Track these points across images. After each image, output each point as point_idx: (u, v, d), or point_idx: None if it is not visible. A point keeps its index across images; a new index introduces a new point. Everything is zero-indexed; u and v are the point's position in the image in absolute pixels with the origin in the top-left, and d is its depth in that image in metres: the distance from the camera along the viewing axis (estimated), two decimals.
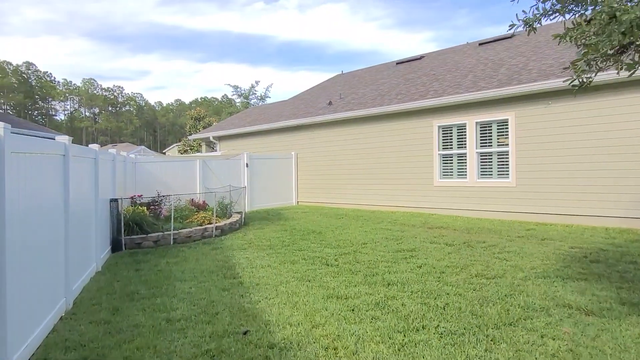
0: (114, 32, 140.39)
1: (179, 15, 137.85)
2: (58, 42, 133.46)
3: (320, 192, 15.88)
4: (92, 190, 6.60)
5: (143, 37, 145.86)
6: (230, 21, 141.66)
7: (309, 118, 15.92)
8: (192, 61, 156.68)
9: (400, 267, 6.47)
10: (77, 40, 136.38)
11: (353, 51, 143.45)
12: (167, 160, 12.94)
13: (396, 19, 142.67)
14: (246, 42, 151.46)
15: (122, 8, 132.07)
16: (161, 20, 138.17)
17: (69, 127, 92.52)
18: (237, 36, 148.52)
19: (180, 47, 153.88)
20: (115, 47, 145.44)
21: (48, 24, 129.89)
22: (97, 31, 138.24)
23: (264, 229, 10.44)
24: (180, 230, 9.08)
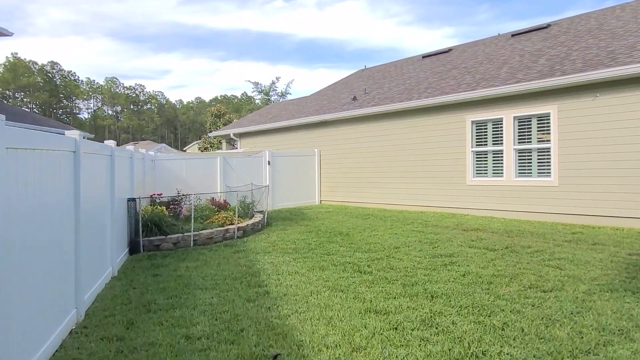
0: (136, 32, 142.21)
1: (199, 15, 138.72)
2: (82, 42, 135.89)
3: (344, 190, 15.29)
4: (108, 190, 6.16)
5: (164, 36, 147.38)
6: (249, 20, 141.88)
7: (332, 114, 15.34)
8: (212, 60, 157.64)
9: (440, 275, 5.85)
10: (101, 41, 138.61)
11: (372, 48, 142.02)
12: (187, 157, 12.55)
13: (415, 15, 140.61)
14: (265, 40, 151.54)
15: (144, 8, 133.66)
16: (182, 19, 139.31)
17: (92, 125, 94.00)
18: (257, 34, 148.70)
19: (200, 46, 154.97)
20: (138, 47, 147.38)
21: (72, 25, 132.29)
22: (120, 31, 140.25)
23: (287, 230, 9.92)
24: (201, 231, 8.62)
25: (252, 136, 19.64)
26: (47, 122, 19.78)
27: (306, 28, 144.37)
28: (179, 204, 11.32)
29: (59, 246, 4.01)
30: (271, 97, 37.78)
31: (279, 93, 38.05)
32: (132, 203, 7.85)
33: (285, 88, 39.49)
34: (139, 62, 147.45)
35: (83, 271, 4.60)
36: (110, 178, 6.25)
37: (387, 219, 11.42)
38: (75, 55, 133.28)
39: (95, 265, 5.34)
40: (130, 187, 8.11)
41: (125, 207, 7.61)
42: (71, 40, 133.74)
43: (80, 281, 4.51)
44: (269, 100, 37.15)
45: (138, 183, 9.40)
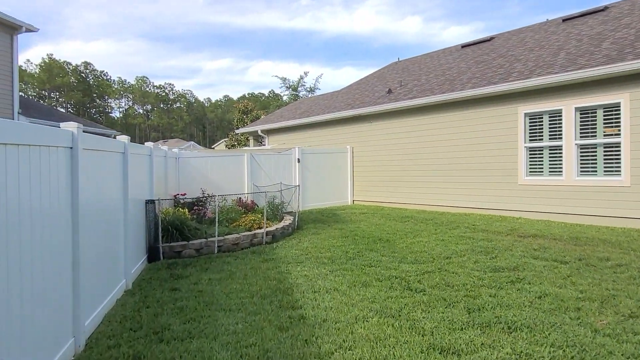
0: (166, 32, 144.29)
1: (227, 14, 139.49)
2: (114, 43, 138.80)
3: (378, 190, 14.29)
4: (120, 191, 5.41)
5: (193, 36, 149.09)
6: (277, 18, 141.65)
7: (365, 108, 14.34)
8: (240, 59, 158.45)
9: (511, 296, 4.82)
10: (132, 42, 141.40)
11: (399, 44, 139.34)
12: (212, 155, 11.83)
13: (443, 10, 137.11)
14: (292, 38, 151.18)
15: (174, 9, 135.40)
16: (211, 19, 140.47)
17: (123, 123, 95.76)
18: (284, 33, 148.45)
19: (228, 45, 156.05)
20: (168, 47, 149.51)
21: (106, 27, 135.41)
22: (151, 32, 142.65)
23: (320, 235, 9.02)
24: (226, 236, 7.82)
25: (280, 133, 18.84)
26: (67, 117, 19.54)
27: (333, 26, 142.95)
28: (204, 205, 10.61)
29: (52, 264, 3.23)
30: (299, 93, 36.96)
31: (308, 88, 37.13)
32: (150, 205, 7.11)
33: (314, 83, 38.58)
34: (169, 62, 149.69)
35: (84, 292, 3.82)
36: (122, 178, 5.49)
37: (429, 222, 10.37)
38: (108, 56, 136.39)
39: (103, 281, 4.57)
40: (149, 188, 7.39)
41: (142, 210, 6.88)
42: (104, 41, 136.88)
43: (80, 306, 3.73)
44: (297, 96, 36.32)
45: (160, 182, 8.70)
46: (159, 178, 8.55)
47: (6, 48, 15.06)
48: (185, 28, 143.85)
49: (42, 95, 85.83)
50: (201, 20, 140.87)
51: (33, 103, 19.78)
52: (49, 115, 17.16)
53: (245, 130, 21.20)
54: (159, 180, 8.56)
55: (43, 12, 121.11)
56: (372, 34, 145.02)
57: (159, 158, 8.60)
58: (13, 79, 15.40)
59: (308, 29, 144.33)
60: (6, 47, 15.06)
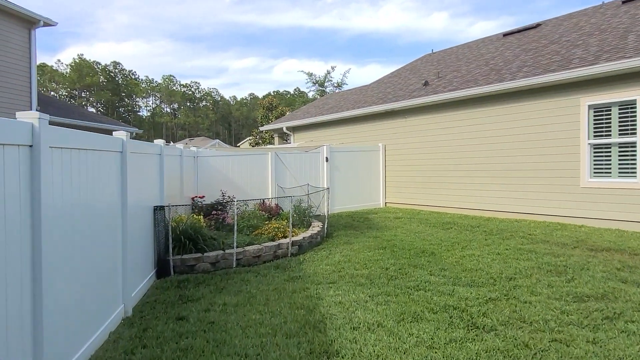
0: (193, 32, 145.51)
1: (253, 13, 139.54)
2: (143, 44, 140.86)
3: (413, 192, 13.08)
4: (116, 197, 4.45)
5: (220, 36, 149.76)
6: (301, 16, 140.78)
7: (399, 102, 13.14)
8: (265, 57, 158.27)
9: (617, 343, 3.61)
10: (160, 42, 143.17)
11: (425, 41, 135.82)
12: (233, 153, 10.90)
13: (470, 6, 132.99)
14: (317, 36, 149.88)
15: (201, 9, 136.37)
16: (237, 19, 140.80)
17: (150, 122, 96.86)
18: (309, 31, 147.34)
19: (254, 44, 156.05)
20: (194, 47, 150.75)
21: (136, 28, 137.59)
22: (178, 33, 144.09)
23: (353, 245, 7.93)
24: (246, 247, 6.81)
25: (307, 130, 17.81)
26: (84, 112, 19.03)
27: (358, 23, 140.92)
28: (224, 208, 9.68)
29: None
30: (326, 88, 35.75)
31: (335, 84, 35.87)
32: (160, 212, 6.17)
33: (341, 78, 37.21)
34: (195, 62, 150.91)
35: (54, 336, 2.85)
36: (119, 182, 4.53)
37: (476, 229, 9.13)
38: (137, 57, 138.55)
39: (87, 315, 3.61)
40: (159, 192, 6.45)
41: (150, 217, 5.94)
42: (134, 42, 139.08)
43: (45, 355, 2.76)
44: (324, 92, 35.09)
45: (173, 185, 7.78)
46: (172, 180, 7.64)
47: (24, 43, 14.53)
48: (211, 28, 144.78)
49: (73, 94, 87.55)
50: (227, 20, 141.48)
51: (52, 100, 19.38)
52: (68, 113, 16.65)
53: (270, 127, 20.27)
54: (172, 183, 7.65)
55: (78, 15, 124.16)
56: (397, 31, 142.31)
57: (172, 158, 7.68)
58: (31, 74, 14.87)
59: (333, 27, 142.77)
60: (23, 41, 14.52)
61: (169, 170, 7.41)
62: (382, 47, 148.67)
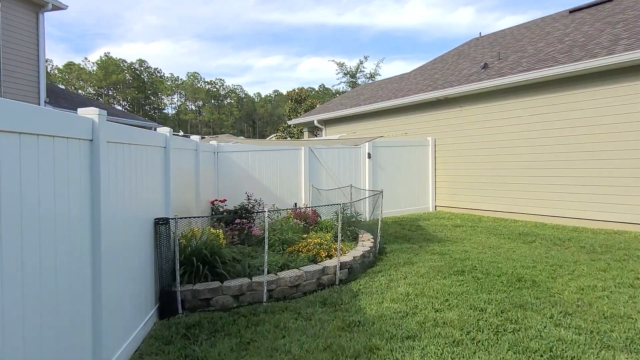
0: (219, 32, 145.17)
1: (277, 12, 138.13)
2: (171, 44, 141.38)
3: (469, 193, 11.10)
4: (81, 206, 2.74)
5: (245, 35, 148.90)
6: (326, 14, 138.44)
7: (453, 88, 11.16)
8: (290, 55, 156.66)
9: None
10: (187, 42, 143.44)
11: (451, 37, 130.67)
12: (260, 148, 9.18)
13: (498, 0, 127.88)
14: (341, 34, 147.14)
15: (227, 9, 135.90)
16: (261, 18, 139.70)
17: (175, 119, 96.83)
18: (333, 28, 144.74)
19: (278, 43, 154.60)
20: (220, 46, 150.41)
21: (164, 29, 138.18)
22: (205, 32, 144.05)
23: (416, 265, 6.07)
24: (280, 273, 5.04)
25: (341, 123, 15.98)
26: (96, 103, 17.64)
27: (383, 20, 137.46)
28: (250, 215, 7.99)
29: None
30: (358, 80, 33.67)
31: (367, 74, 33.74)
32: (163, 227, 4.46)
33: (374, 69, 34.84)
34: (220, 61, 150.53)
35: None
36: (87, 185, 2.82)
37: (569, 244, 7.14)
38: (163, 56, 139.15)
39: None
40: (163, 198, 4.74)
41: (149, 234, 4.24)
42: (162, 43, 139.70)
43: None
44: (355, 83, 33.05)
45: (186, 187, 6.10)
46: (184, 180, 5.94)
47: (30, 28, 13.17)
48: (236, 27, 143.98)
49: (101, 92, 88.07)
50: (252, 19, 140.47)
51: (64, 92, 18.12)
52: (81, 106, 15.31)
53: (299, 120, 18.53)
54: (184, 184, 5.96)
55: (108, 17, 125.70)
56: (422, 27, 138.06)
57: (183, 153, 5.98)
58: (39, 63, 13.53)
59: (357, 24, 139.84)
60: (30, 26, 13.17)
61: (180, 168, 5.72)
62: (407, 44, 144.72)
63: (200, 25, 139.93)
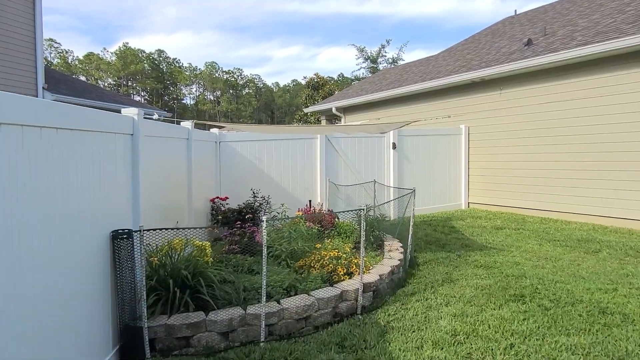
0: (238, 23, 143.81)
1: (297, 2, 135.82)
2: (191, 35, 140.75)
3: (509, 189, 9.71)
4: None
5: (264, 25, 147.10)
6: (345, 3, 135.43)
7: (492, 68, 9.72)
8: (309, 46, 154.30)
9: None
10: (207, 33, 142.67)
11: (473, 25, 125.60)
12: (269, 137, 7.97)
13: None
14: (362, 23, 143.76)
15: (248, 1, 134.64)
16: (281, 8, 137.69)
17: (194, 110, 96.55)
18: (353, 18, 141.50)
19: (297, 33, 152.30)
20: (239, 37, 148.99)
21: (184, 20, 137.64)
22: (224, 23, 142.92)
23: (458, 283, 4.80)
24: (285, 302, 3.84)
25: (361, 110, 14.66)
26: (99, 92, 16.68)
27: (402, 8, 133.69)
28: (255, 215, 6.85)
29: None
30: (379, 65, 32.04)
31: (389, 59, 32.03)
32: (125, 242, 3.30)
33: (397, 53, 32.97)
34: (239, 52, 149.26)
35: None
36: None
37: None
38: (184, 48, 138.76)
39: None
40: (130, 203, 3.59)
41: (103, 253, 3.09)
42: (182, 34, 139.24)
43: None
44: (376, 69, 31.46)
45: (174, 187, 4.94)
46: (170, 178, 4.78)
47: (26, 7, 12.20)
48: (257, 18, 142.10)
49: (120, 83, 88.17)
50: (272, 10, 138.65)
51: (66, 78, 17.21)
52: (83, 93, 14.35)
53: (316, 108, 17.24)
54: (171, 182, 4.80)
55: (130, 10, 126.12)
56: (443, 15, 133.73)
57: (171, 142, 4.81)
58: (36, 45, 12.57)
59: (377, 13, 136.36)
60: (26, 6, 12.20)
61: (164, 161, 4.56)
62: (428, 33, 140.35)
63: (220, 16, 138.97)
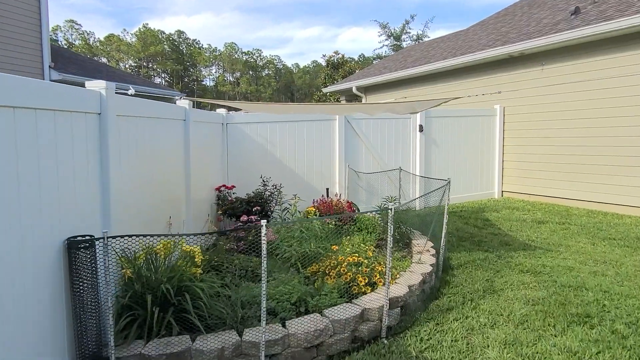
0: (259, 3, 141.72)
1: None
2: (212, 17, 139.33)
3: (549, 177, 8.71)
4: None
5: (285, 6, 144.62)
6: None
7: (532, 41, 8.62)
8: (330, 26, 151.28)
9: None
10: (228, 14, 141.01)
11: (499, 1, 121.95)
12: (282, 119, 7.17)
13: None
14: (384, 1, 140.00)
15: None
16: None
17: (214, 91, 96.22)
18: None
19: (318, 13, 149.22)
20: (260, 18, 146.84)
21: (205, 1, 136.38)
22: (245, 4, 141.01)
23: (503, 297, 3.97)
24: (290, 325, 3.08)
25: (383, 90, 13.67)
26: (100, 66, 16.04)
27: None
28: (266, 205, 6.14)
29: None
30: (403, 42, 30.59)
31: (414, 37, 30.50)
32: (84, 253, 2.57)
33: (422, 29, 31.37)
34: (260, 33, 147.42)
35: None
36: None
37: None
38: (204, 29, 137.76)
39: None
40: (99, 200, 2.86)
41: (56, 268, 2.37)
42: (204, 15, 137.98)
43: None
44: (399, 47, 30.07)
45: (168, 175, 4.20)
46: (163, 165, 4.04)
47: None
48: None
49: (141, 64, 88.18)
50: None
51: (76, 57, 16.64)
52: (93, 73, 13.74)
53: (336, 88, 16.29)
54: (164, 170, 4.06)
55: None
56: None
57: (162, 124, 4.05)
58: (41, 22, 11.96)
59: None
60: None
61: (149, 148, 3.82)
62: (453, 11, 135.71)
63: None
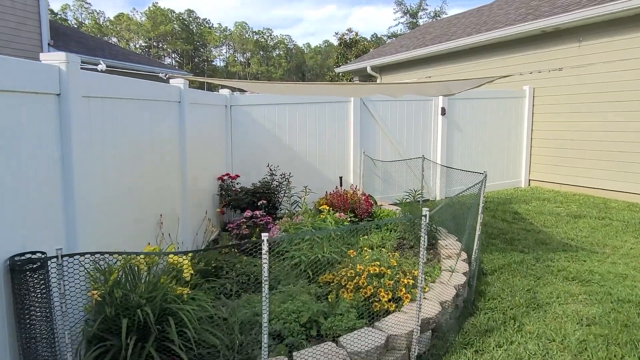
0: None
1: None
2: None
3: (584, 165, 7.97)
4: None
5: None
6: None
7: (568, 14, 7.78)
8: (342, 4, 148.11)
9: None
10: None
11: None
12: (291, 101, 6.51)
13: None
14: None
15: None
16: None
17: (224, 72, 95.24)
18: None
19: None
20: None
21: None
22: None
23: (551, 316, 3.35)
24: (297, 356, 2.49)
25: (399, 70, 12.87)
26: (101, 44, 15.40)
27: None
28: (274, 197, 5.56)
29: None
30: (419, 19, 29.44)
31: (431, 13, 29.32)
32: (32, 277, 1.99)
33: (440, 5, 30.25)
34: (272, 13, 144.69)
35: None
36: None
37: None
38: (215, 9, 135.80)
39: None
40: (61, 206, 2.27)
41: None
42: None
43: None
44: (415, 24, 28.91)
45: (159, 165, 3.61)
46: (152, 155, 3.44)
47: None
48: None
49: (151, 44, 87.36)
50: None
51: (78, 34, 16.03)
52: (94, 51, 13.13)
53: (349, 68, 15.50)
54: (154, 160, 3.46)
55: None
56: None
57: (150, 107, 3.43)
58: None
59: None
60: None
61: (132, 134, 3.21)
62: None
63: None
